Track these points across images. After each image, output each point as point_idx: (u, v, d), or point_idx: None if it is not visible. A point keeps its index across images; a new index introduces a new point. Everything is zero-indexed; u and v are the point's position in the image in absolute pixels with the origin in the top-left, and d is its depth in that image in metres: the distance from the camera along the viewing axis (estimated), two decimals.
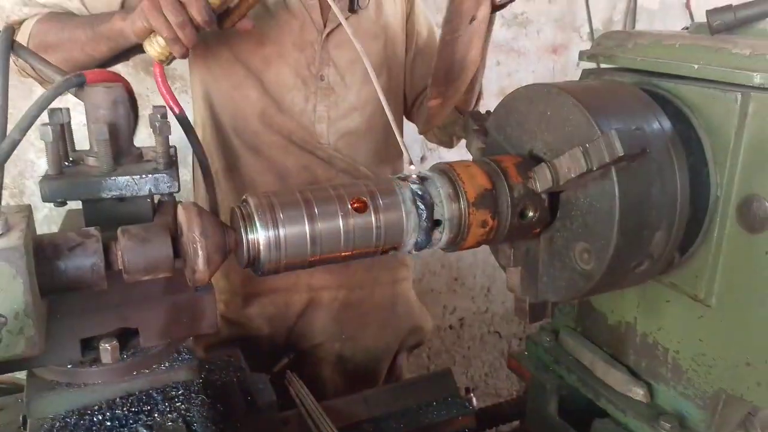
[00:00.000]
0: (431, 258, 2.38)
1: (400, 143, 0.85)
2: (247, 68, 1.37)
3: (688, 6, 2.37)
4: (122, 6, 1.31)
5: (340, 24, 1.39)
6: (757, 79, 0.85)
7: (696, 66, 0.93)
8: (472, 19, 1.15)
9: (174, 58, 1.13)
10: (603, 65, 1.10)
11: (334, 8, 1.01)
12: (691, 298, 0.98)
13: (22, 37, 1.27)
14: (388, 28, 1.48)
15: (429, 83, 1.20)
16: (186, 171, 1.92)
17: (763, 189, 0.86)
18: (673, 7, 2.43)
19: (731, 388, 0.95)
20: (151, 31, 1.10)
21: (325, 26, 1.39)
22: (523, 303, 0.99)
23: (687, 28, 1.10)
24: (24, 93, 1.58)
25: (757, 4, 0.95)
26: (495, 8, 1.19)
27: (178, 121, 0.97)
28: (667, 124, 0.87)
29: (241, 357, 1.16)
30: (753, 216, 0.88)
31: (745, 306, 0.91)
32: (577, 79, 1.16)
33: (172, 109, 0.96)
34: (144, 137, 1.03)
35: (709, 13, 0.98)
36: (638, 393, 1.08)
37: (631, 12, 2.33)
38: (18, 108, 0.99)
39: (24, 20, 1.30)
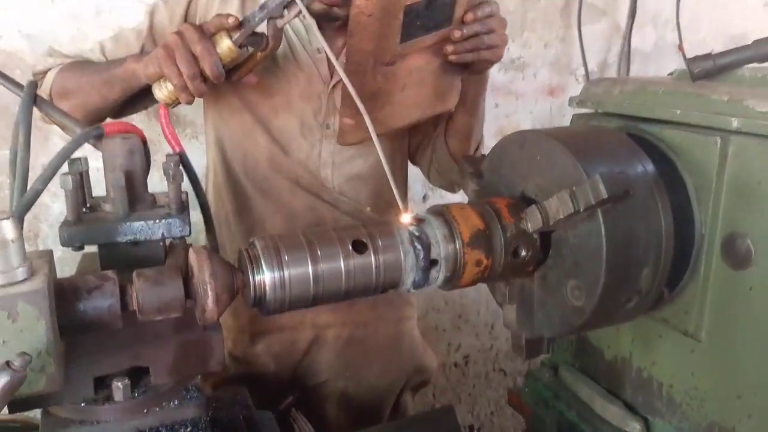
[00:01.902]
0: (435, 295, 2.40)
1: (396, 195, 0.90)
2: (255, 116, 1.44)
3: (680, 48, 2.44)
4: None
5: None
6: (735, 123, 0.90)
7: (678, 111, 0.98)
8: (389, 63, 1.18)
9: (180, 103, 1.19)
10: (592, 110, 1.16)
11: (338, 70, 1.06)
12: (682, 333, 1.01)
13: (45, 86, 1.34)
14: None
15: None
16: (195, 213, 1.98)
17: (745, 227, 0.91)
18: (666, 49, 2.51)
19: (723, 420, 0.98)
20: (161, 76, 1.16)
21: (331, 78, 1.44)
22: (520, 339, 1.02)
23: (672, 74, 1.16)
24: (41, 141, 1.65)
25: (734, 52, 1.00)
26: (456, 63, 1.24)
27: (180, 159, 1.01)
28: (650, 166, 0.91)
29: (247, 394, 1.19)
30: (737, 253, 0.92)
31: (733, 340, 0.94)
32: (569, 122, 1.22)
33: (173, 148, 1.01)
34: (156, 180, 1.08)
35: (689, 60, 1.04)
36: (635, 428, 1.10)
37: (625, 55, 2.40)
38: (34, 153, 1.04)
39: (48, 70, 1.38)
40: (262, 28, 1.16)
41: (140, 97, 1.32)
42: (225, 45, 1.12)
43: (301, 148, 1.45)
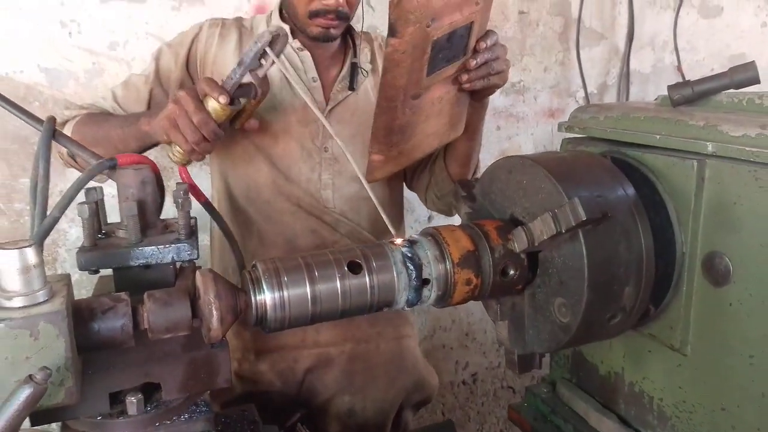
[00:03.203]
0: (442, 314, 2.45)
1: (386, 221, 0.96)
2: (256, 144, 1.51)
3: (679, 69, 2.49)
4: (149, 102, 1.49)
5: (341, 101, 1.53)
6: (710, 147, 0.95)
7: (658, 136, 1.03)
8: (417, 96, 1.24)
9: (192, 161, 1.29)
10: (579, 135, 1.21)
11: (318, 115, 1.16)
12: (669, 347, 1.05)
13: None
14: None
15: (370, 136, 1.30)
16: (205, 236, 2.06)
17: (723, 246, 0.95)
18: (665, 70, 2.56)
19: None
20: (171, 142, 1.27)
21: (327, 103, 1.52)
22: (513, 355, 1.07)
23: (657, 99, 1.21)
24: (59, 170, 1.73)
25: (711, 79, 1.06)
26: (468, 90, 1.31)
27: (204, 207, 1.12)
28: (630, 190, 0.96)
29: (255, 411, 1.24)
30: (716, 271, 0.96)
31: (716, 354, 0.99)
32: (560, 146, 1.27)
33: (197, 198, 1.11)
34: (168, 206, 1.15)
35: (670, 87, 1.09)
36: None
37: (625, 76, 2.45)
38: (53, 182, 1.11)
39: (66, 122, 1.47)
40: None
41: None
42: (218, 106, 1.21)
43: (302, 172, 1.52)
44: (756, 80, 1.02)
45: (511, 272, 0.97)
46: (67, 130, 1.43)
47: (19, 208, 1.93)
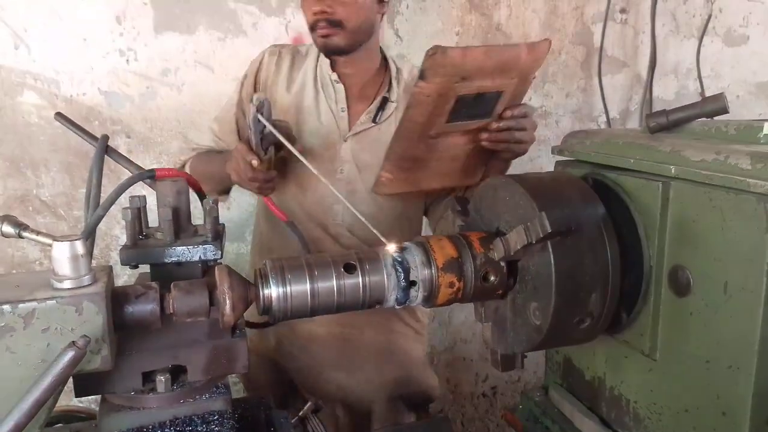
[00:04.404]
0: (462, 327, 2.55)
1: (377, 234, 1.10)
2: (285, 163, 1.68)
3: (702, 96, 2.55)
4: (237, 131, 1.74)
5: (362, 131, 1.70)
6: (674, 170, 1.06)
7: (632, 160, 1.14)
8: (434, 136, 1.38)
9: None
10: (569, 158, 1.32)
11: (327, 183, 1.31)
12: (640, 353, 1.15)
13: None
14: None
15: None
16: (244, 245, 2.24)
17: (685, 260, 1.05)
18: (689, 97, 2.61)
19: None
20: None
21: (349, 130, 1.69)
22: (496, 354, 1.18)
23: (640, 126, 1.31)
24: (113, 181, 1.94)
25: (685, 109, 1.16)
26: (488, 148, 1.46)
27: (287, 225, 1.34)
28: (600, 208, 1.07)
29: (270, 399, 1.38)
30: (679, 282, 1.06)
31: (680, 359, 1.08)
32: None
33: (281, 218, 1.37)
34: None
35: (647, 116, 1.20)
36: None
37: (647, 103, 2.53)
38: (105, 191, 1.29)
39: (184, 165, 1.78)
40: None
41: None
42: (257, 163, 1.41)
43: (317, 189, 1.69)
44: (724, 110, 1.12)
45: (492, 278, 1.09)
46: (186, 170, 1.71)
47: (78, 215, 2.15)
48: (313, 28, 1.61)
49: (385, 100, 1.71)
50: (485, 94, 1.30)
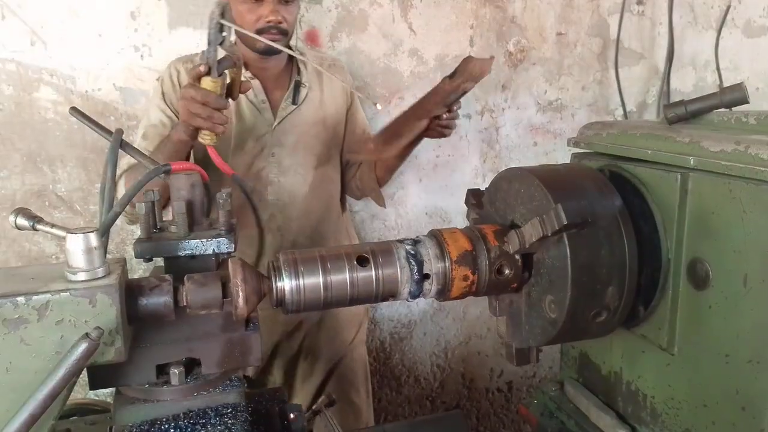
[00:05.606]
0: (477, 322, 2.53)
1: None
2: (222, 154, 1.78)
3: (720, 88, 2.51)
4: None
5: (286, 116, 1.91)
6: (692, 162, 1.04)
7: (649, 152, 1.12)
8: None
9: (219, 138, 1.55)
10: (585, 150, 1.31)
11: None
12: (658, 347, 1.13)
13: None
14: (328, 116, 1.99)
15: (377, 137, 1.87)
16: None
17: (704, 253, 1.03)
18: (707, 89, 2.57)
19: (694, 428, 1.08)
20: (197, 130, 1.52)
21: (275, 119, 1.88)
22: (511, 348, 1.17)
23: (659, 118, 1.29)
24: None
25: (703, 99, 1.14)
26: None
27: (233, 180, 1.35)
28: (617, 200, 1.06)
29: (285, 393, 1.39)
30: (698, 275, 1.05)
31: (698, 354, 1.06)
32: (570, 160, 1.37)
33: (226, 172, 1.38)
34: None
35: (665, 107, 1.18)
36: None
37: (665, 95, 2.49)
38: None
39: (120, 176, 1.78)
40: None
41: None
42: (210, 83, 1.46)
43: (251, 171, 1.89)
44: (744, 100, 1.10)
45: (506, 271, 1.08)
46: (121, 186, 1.71)
47: (94, 210, 2.17)
48: (260, 32, 1.74)
49: (297, 84, 1.93)
50: (466, 92, 1.70)
